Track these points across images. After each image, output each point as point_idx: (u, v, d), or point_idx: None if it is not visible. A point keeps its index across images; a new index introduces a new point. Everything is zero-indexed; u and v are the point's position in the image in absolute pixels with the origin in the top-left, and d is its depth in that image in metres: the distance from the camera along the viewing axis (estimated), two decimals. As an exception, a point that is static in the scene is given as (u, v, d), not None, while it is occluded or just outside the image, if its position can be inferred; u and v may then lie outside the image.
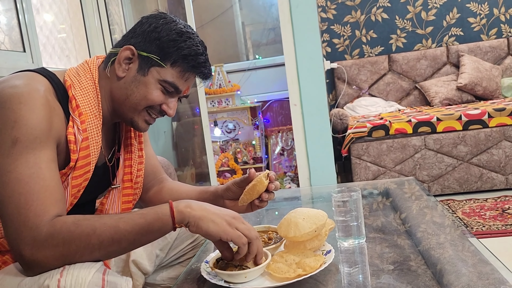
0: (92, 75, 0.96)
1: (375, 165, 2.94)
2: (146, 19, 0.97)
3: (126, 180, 1.07)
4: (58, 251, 0.76)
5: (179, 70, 0.95)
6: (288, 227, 0.94)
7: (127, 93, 0.95)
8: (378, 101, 3.60)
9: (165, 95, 0.96)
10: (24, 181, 0.77)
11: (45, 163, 0.81)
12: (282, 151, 3.58)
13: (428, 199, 1.36)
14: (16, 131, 0.79)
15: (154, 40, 0.93)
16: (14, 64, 1.96)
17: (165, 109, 0.97)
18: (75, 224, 0.78)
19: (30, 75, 0.88)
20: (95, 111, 0.94)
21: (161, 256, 1.16)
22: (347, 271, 0.92)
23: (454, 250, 0.97)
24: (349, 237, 1.00)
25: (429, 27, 3.71)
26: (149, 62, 0.94)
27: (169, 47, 0.93)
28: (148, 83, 0.94)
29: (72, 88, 0.91)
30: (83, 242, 0.77)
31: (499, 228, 2.20)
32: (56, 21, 2.56)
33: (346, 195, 0.99)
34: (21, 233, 0.75)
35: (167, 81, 0.94)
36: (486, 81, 3.39)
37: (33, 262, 0.76)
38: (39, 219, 0.76)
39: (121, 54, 0.94)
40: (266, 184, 1.00)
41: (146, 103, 0.95)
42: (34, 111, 0.81)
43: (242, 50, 4.05)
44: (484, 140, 2.82)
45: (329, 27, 3.80)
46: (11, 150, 0.78)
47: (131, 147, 1.09)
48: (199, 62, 0.95)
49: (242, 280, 0.86)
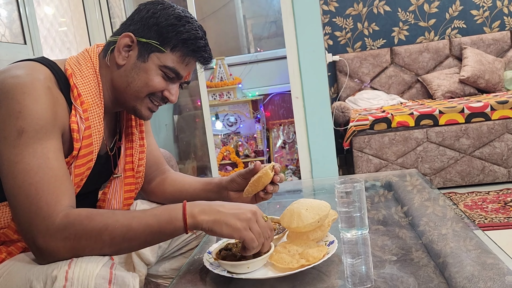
0: (92, 63, 0.95)
1: (377, 158, 2.94)
2: (144, 6, 0.96)
3: (128, 169, 1.07)
4: (69, 244, 0.76)
5: (179, 55, 0.94)
6: (291, 218, 0.94)
7: (128, 81, 0.94)
8: (380, 94, 3.59)
9: (166, 81, 0.95)
10: (33, 172, 0.77)
11: (52, 153, 0.80)
12: (284, 144, 3.58)
13: (430, 191, 1.36)
14: (21, 122, 0.78)
15: (152, 26, 0.92)
16: (15, 57, 1.95)
17: (167, 95, 0.97)
18: (89, 218, 0.77)
19: (31, 65, 0.87)
20: (97, 99, 0.93)
21: (164, 246, 1.16)
22: (350, 262, 0.92)
23: (457, 241, 0.96)
24: (352, 228, 1.00)
25: (432, 19, 3.69)
26: (148, 48, 0.93)
27: (168, 31, 0.92)
28: (148, 70, 0.93)
29: (73, 77, 0.90)
30: (94, 237, 0.77)
31: (501, 221, 2.19)
32: (57, 13, 2.54)
33: (349, 186, 0.99)
34: (33, 222, 0.76)
35: (168, 66, 0.93)
36: (489, 74, 3.37)
37: (46, 250, 0.76)
38: (51, 208, 0.76)
39: (120, 42, 0.93)
40: (271, 176, 1.00)
41: (147, 90, 0.94)
42: (38, 101, 0.80)
43: (244, 43, 4.03)
44: (487, 133, 2.82)
45: (331, 20, 3.78)
46: (18, 141, 0.78)
47: (132, 136, 1.08)
48: (199, 46, 0.95)
49: (245, 270, 0.85)
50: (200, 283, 0.91)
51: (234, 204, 0.86)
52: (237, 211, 0.83)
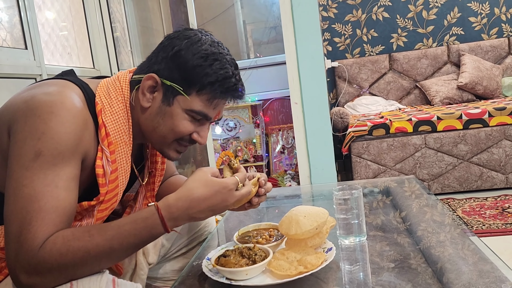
0: (123, 96, 0.89)
1: (376, 164, 2.94)
2: (170, 40, 0.89)
3: (149, 196, 1.06)
4: (54, 275, 0.73)
5: (207, 98, 0.87)
6: (290, 225, 0.94)
7: (153, 125, 0.89)
8: (379, 100, 3.61)
9: (194, 123, 0.89)
10: (35, 198, 0.73)
11: (63, 182, 0.76)
12: (283, 149, 3.59)
13: (428, 197, 1.37)
14: (41, 144, 0.75)
15: (177, 67, 0.86)
16: (16, 62, 1.96)
17: (195, 138, 0.91)
18: (65, 246, 0.73)
19: (63, 83, 0.84)
20: (126, 138, 0.88)
21: (167, 246, 1.15)
22: (348, 269, 0.92)
23: (455, 248, 0.97)
24: (350, 235, 1.01)
25: (430, 26, 3.71)
26: (174, 91, 0.86)
27: (193, 74, 0.85)
28: (174, 114, 0.87)
29: (102, 114, 0.85)
30: (78, 264, 0.74)
31: (499, 227, 2.20)
32: (58, 18, 2.56)
33: (348, 193, 1.00)
34: (17, 255, 0.72)
35: (194, 110, 0.87)
36: (487, 80, 3.39)
37: (30, 286, 0.72)
38: (36, 241, 0.71)
39: (144, 84, 0.87)
40: (254, 193, 0.96)
41: (174, 136, 0.89)
42: (64, 124, 0.77)
43: (243, 48, 4.05)
44: (485, 139, 2.83)
45: (330, 26, 3.80)
46: (32, 163, 0.74)
47: (156, 165, 1.05)
48: (229, 87, 0.88)
49: (243, 277, 0.86)
50: (199, 289, 0.92)
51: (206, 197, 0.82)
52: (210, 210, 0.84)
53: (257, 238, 1.02)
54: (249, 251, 0.90)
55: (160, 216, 0.79)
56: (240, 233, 1.07)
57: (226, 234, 1.27)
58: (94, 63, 2.79)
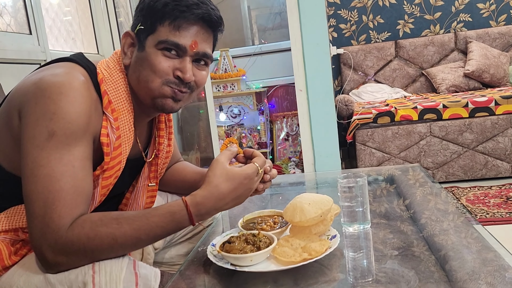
0: (121, 66, 0.92)
1: (380, 152, 2.94)
2: None
3: (152, 177, 1.07)
4: (79, 257, 0.75)
5: (169, 23, 0.86)
6: (294, 212, 0.95)
7: (137, 76, 0.90)
8: (384, 87, 3.58)
9: (171, 59, 0.87)
10: (55, 179, 0.75)
11: (79, 161, 0.78)
12: (287, 137, 3.58)
13: (432, 185, 1.37)
14: (54, 124, 0.76)
15: (140, 12, 0.89)
16: (20, 47, 1.96)
17: (179, 74, 0.88)
18: (94, 231, 0.75)
19: (71, 64, 0.85)
20: (127, 105, 0.90)
21: None
22: (351, 256, 0.93)
23: (458, 236, 0.97)
24: (354, 223, 1.01)
25: (437, 12, 3.67)
26: (143, 34, 0.88)
27: (152, 9, 0.86)
28: (148, 54, 0.87)
29: (104, 82, 0.87)
30: (104, 250, 0.76)
31: (503, 216, 2.20)
32: (62, 3, 2.54)
33: (352, 181, 1.00)
34: (44, 234, 0.74)
35: (161, 40, 0.86)
36: (494, 68, 3.35)
37: (55, 264, 0.75)
38: (62, 221, 0.74)
39: (122, 44, 0.91)
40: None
41: (155, 76, 0.87)
42: (73, 103, 0.78)
43: (248, 34, 4.02)
44: (490, 128, 2.81)
45: (336, 12, 3.76)
46: (47, 143, 0.75)
47: (160, 146, 1.06)
48: (187, 4, 0.86)
49: (248, 263, 0.87)
50: (204, 275, 0.93)
51: (231, 190, 0.85)
52: (236, 201, 0.87)
53: (261, 224, 1.02)
54: (253, 238, 0.91)
55: (189, 213, 0.82)
56: (245, 219, 1.07)
57: (230, 221, 1.27)
58: (98, 49, 2.78)
